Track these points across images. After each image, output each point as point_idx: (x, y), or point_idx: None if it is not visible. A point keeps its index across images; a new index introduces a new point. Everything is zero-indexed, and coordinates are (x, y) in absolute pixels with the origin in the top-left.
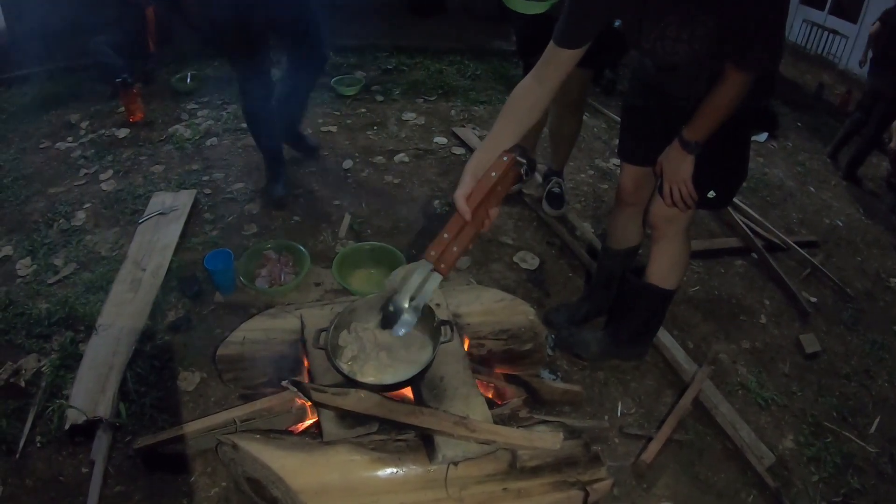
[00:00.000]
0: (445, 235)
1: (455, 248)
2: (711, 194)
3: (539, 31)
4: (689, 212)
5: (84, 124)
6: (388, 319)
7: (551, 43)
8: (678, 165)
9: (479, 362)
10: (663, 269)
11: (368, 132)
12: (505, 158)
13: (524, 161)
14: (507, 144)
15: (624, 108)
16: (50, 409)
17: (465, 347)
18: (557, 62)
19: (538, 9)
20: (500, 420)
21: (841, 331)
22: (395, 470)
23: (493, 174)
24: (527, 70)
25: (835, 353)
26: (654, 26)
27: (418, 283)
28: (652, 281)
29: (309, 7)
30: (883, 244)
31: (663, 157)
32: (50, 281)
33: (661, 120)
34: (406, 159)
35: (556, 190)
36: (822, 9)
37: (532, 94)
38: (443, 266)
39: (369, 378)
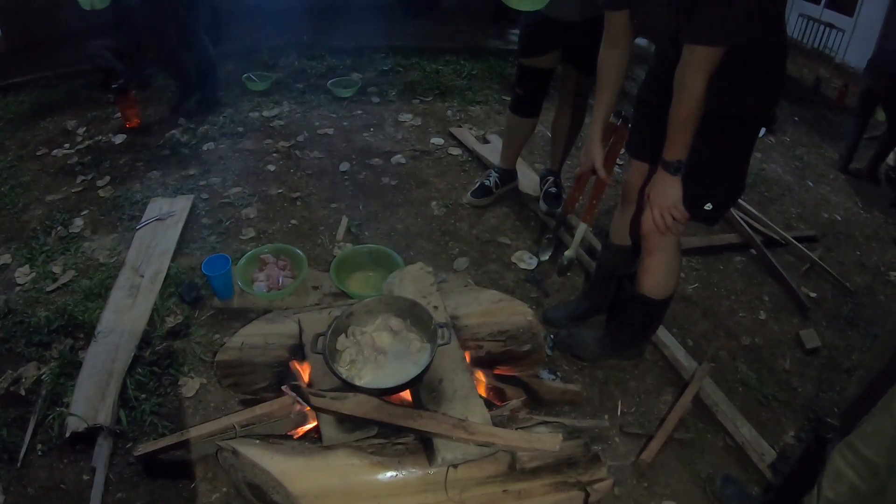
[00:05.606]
0: (594, 202)
1: (594, 202)
2: (708, 206)
3: (539, 37)
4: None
5: (81, 131)
6: (564, 269)
7: (606, 11)
8: (664, 190)
9: (478, 364)
10: (657, 280)
11: (365, 134)
12: (618, 122)
13: (621, 112)
14: (612, 109)
15: (636, 103)
16: (50, 416)
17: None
18: (617, 24)
19: (532, 5)
20: (499, 421)
21: (841, 325)
22: (395, 473)
23: (612, 139)
24: (520, 71)
25: (835, 348)
26: None
27: (580, 238)
28: (646, 292)
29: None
30: (882, 238)
31: (650, 185)
32: (49, 289)
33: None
34: (403, 161)
35: (553, 190)
36: (818, 2)
37: (614, 57)
38: (589, 218)
39: (368, 382)
